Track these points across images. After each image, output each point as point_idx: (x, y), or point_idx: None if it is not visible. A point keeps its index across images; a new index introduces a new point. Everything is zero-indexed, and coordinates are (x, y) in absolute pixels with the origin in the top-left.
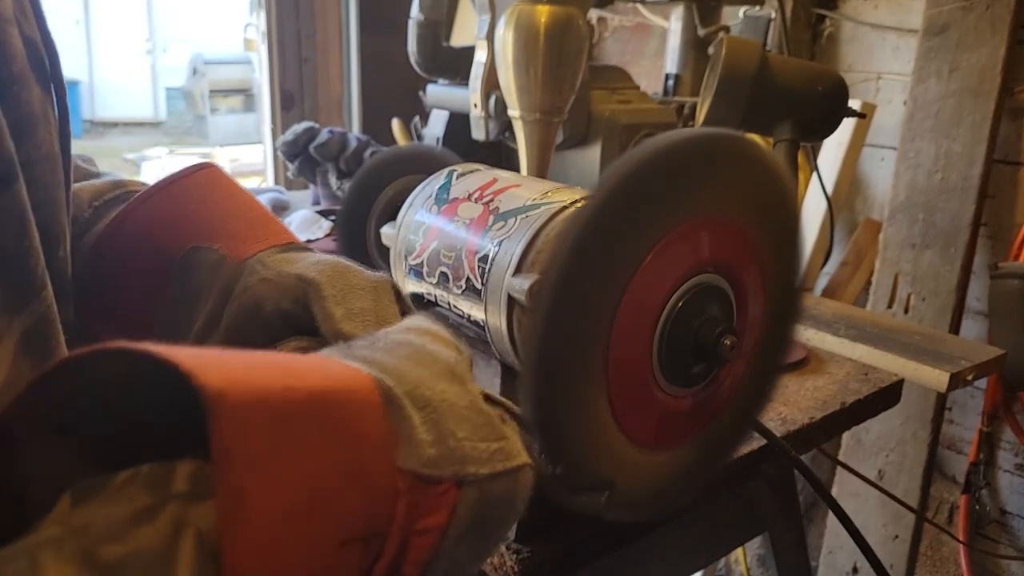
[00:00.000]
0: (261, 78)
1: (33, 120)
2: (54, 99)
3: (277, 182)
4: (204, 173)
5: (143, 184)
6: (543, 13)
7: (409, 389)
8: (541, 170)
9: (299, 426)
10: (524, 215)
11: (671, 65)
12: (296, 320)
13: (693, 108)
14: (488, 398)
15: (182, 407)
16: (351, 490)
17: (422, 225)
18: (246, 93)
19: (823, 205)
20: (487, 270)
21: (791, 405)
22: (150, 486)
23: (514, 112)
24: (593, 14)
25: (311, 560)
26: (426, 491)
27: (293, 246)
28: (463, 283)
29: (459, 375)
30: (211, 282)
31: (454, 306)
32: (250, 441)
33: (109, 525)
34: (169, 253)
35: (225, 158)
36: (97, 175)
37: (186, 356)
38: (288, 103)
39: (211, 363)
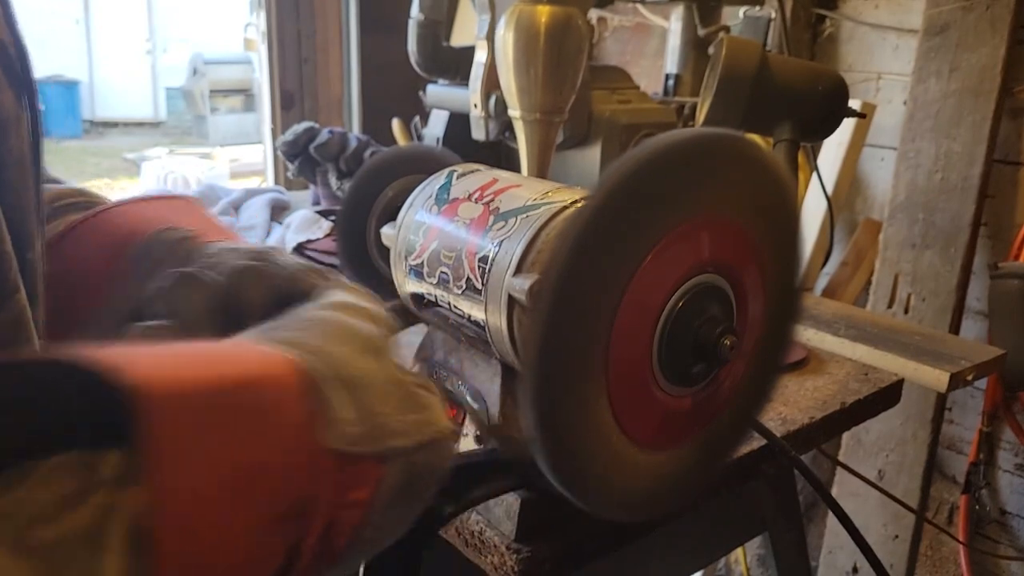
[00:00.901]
0: (261, 78)
1: (5, 123)
2: (26, 101)
3: (277, 182)
4: (179, 200)
5: (104, 198)
6: (543, 13)
7: (329, 369)
8: (541, 170)
9: (217, 413)
10: (524, 215)
11: (671, 65)
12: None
13: (693, 108)
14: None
15: (110, 405)
16: (274, 471)
17: (422, 225)
18: (246, 93)
19: (823, 205)
20: (487, 270)
21: (791, 405)
22: (77, 472)
23: (514, 112)
24: (593, 14)
25: (238, 539)
26: (352, 468)
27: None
28: (463, 283)
29: (379, 348)
30: (173, 252)
31: (454, 306)
32: (171, 430)
33: (37, 509)
34: (129, 245)
35: (225, 158)
36: (57, 181)
37: (106, 357)
38: (288, 103)
39: (131, 361)
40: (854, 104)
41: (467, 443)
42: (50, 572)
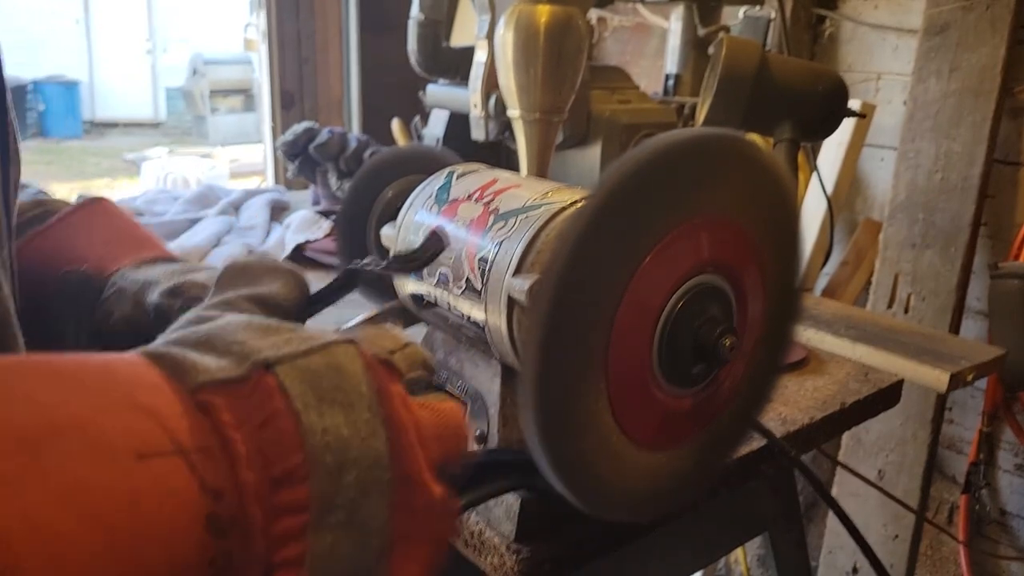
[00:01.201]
0: (261, 78)
1: None
2: None
3: (277, 182)
4: (90, 208)
5: (62, 202)
6: (543, 13)
7: (177, 340)
8: (541, 170)
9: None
10: (524, 215)
11: (671, 65)
12: (135, 321)
13: (693, 108)
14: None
15: None
16: (144, 429)
17: (422, 225)
18: (246, 93)
19: (823, 205)
20: (487, 270)
21: (791, 405)
22: None
23: (514, 112)
24: (593, 14)
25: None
26: (238, 387)
27: (159, 259)
28: (463, 283)
29: (230, 303)
30: (76, 300)
31: (454, 307)
32: None
33: None
34: (45, 280)
35: (225, 158)
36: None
37: None
38: (288, 103)
39: None
40: (854, 104)
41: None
42: None
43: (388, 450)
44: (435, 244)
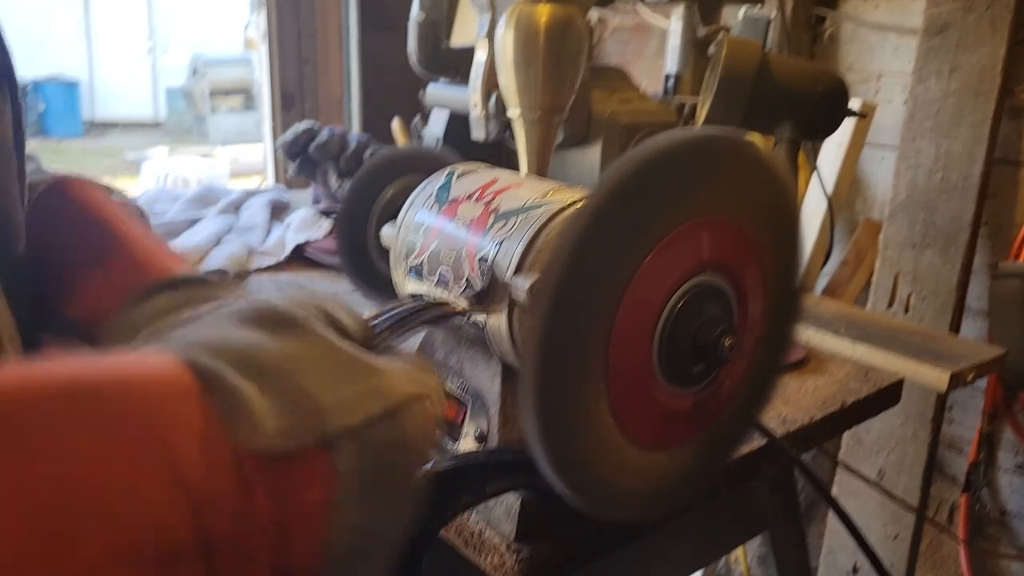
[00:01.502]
0: (261, 78)
1: None
2: (7, 94)
3: (277, 182)
4: (55, 196)
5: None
6: (543, 13)
7: (235, 356)
8: (541, 169)
9: (52, 419)
10: (524, 215)
11: (671, 65)
12: None
13: (693, 108)
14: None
15: None
16: (154, 494)
17: (422, 225)
18: (246, 93)
19: (823, 205)
20: (487, 270)
21: (791, 405)
22: None
23: (514, 112)
24: (593, 14)
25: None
26: (289, 466)
27: (156, 283)
28: (463, 283)
29: (294, 322)
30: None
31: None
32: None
33: None
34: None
35: (225, 158)
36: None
37: None
38: (288, 103)
39: None
40: (854, 104)
41: (467, 443)
42: None
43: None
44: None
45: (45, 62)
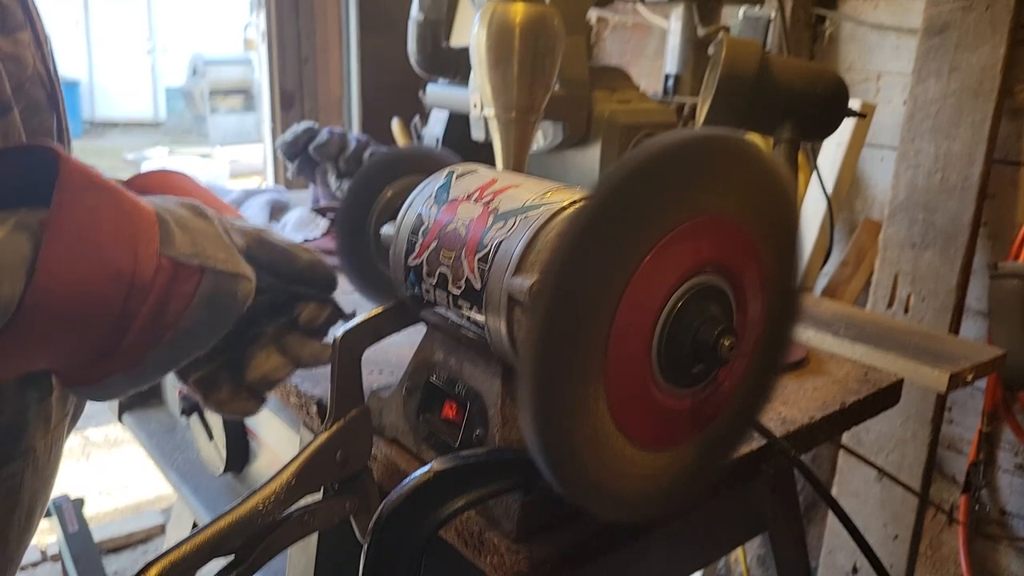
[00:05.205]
0: (261, 78)
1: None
2: (54, 113)
3: (277, 182)
4: (180, 175)
5: None
6: (517, 12)
7: (175, 218)
8: (518, 169)
9: (107, 205)
10: (523, 215)
11: (671, 65)
12: None
13: (693, 108)
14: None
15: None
16: (124, 250)
17: (422, 225)
18: (246, 93)
19: (823, 205)
20: (487, 270)
21: (791, 405)
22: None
23: (489, 111)
24: (593, 14)
25: (91, 266)
26: (181, 270)
27: None
28: (463, 283)
29: (207, 215)
30: None
31: (453, 306)
32: (75, 179)
33: None
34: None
35: (225, 158)
36: None
37: (64, 154)
38: (288, 103)
39: (71, 159)
40: (854, 104)
41: (467, 443)
42: None
43: None
44: None
45: None
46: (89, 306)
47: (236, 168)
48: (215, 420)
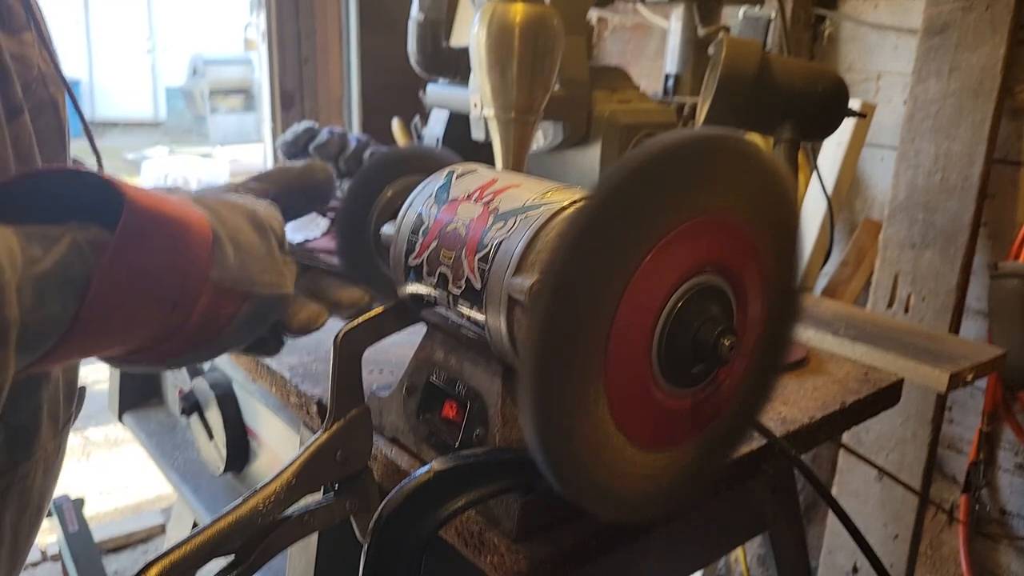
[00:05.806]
0: (261, 78)
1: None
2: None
3: None
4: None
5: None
6: (517, 12)
7: (228, 232)
8: (517, 170)
9: (161, 230)
10: (524, 215)
11: (671, 65)
12: None
13: (693, 108)
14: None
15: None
16: (173, 274)
17: (422, 225)
18: (246, 93)
19: (823, 205)
20: (487, 270)
21: (791, 405)
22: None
23: (488, 111)
24: (593, 14)
25: (141, 292)
26: (225, 294)
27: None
28: (463, 283)
29: (263, 228)
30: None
31: (453, 306)
32: (132, 226)
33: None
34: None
35: (225, 158)
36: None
37: (116, 178)
38: (288, 103)
39: (127, 184)
40: (854, 104)
41: (467, 443)
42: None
43: None
44: None
45: None
46: (133, 324)
47: (236, 168)
48: (215, 420)
